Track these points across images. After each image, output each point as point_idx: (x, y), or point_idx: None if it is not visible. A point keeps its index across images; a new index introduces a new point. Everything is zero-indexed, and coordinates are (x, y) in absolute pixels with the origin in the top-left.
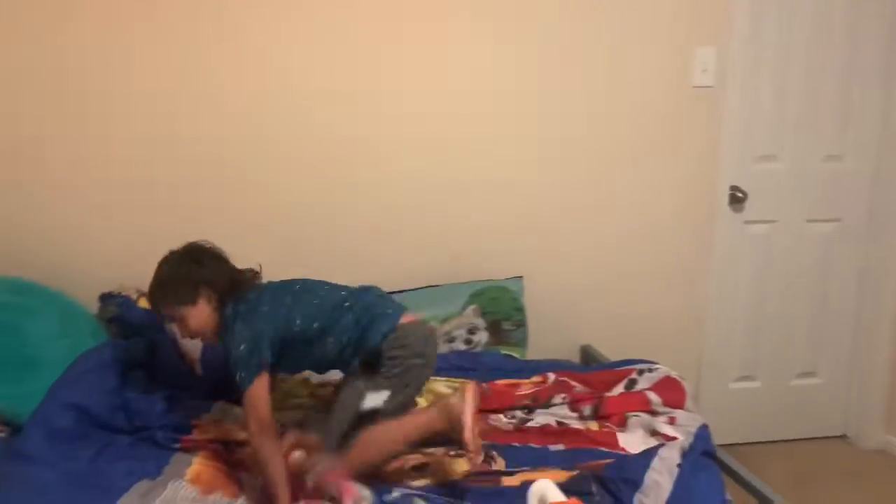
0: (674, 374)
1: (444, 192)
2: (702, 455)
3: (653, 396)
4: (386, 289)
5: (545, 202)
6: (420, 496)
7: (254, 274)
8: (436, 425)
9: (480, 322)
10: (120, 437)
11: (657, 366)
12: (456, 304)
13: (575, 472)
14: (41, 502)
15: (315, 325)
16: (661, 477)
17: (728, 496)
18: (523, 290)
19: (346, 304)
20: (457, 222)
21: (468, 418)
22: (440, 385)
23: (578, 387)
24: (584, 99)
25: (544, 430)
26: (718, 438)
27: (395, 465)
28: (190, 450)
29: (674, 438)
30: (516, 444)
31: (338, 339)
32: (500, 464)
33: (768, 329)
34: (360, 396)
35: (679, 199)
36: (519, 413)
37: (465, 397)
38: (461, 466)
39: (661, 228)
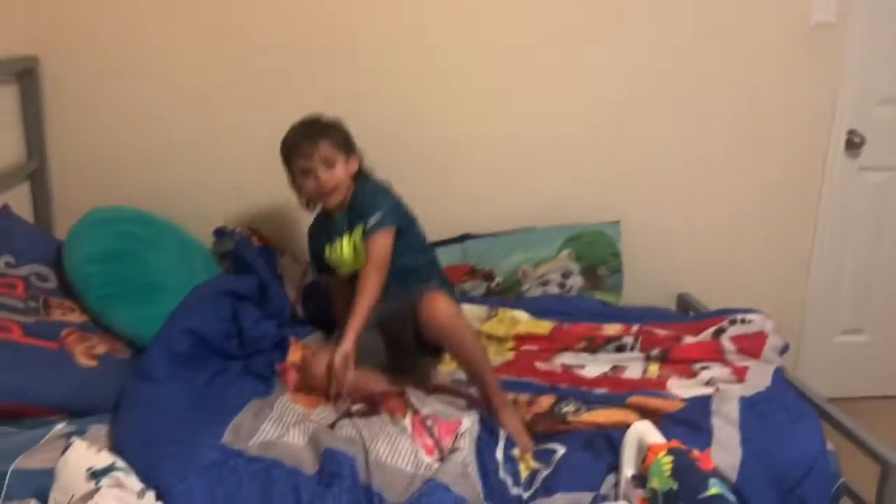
0: (769, 326)
1: (542, 135)
2: (802, 403)
3: (727, 344)
4: (481, 230)
5: (646, 146)
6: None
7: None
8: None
9: (575, 266)
10: (232, 361)
11: (753, 316)
12: (551, 247)
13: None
14: (164, 419)
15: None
16: (723, 427)
17: (831, 447)
18: (620, 236)
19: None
20: (554, 165)
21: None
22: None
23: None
24: (694, 36)
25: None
26: (824, 394)
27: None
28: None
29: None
30: (563, 385)
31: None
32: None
33: (879, 280)
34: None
35: (791, 142)
36: (579, 354)
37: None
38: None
39: (769, 173)
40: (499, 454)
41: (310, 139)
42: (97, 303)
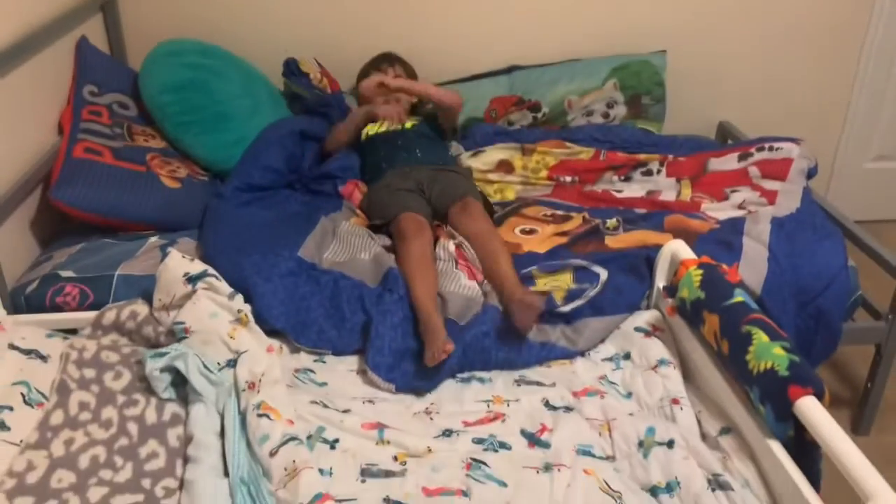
0: (795, 152)
1: None
2: (829, 223)
3: (753, 170)
4: (527, 62)
5: None
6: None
7: None
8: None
9: (619, 96)
10: (302, 190)
11: (783, 144)
12: (596, 78)
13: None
14: (247, 234)
15: None
16: (752, 245)
17: (852, 263)
18: (666, 65)
19: None
20: None
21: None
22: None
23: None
24: None
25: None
26: (852, 216)
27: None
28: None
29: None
30: (603, 206)
31: None
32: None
33: None
34: None
35: None
36: (613, 180)
37: None
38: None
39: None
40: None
41: (390, 58)
42: (174, 130)
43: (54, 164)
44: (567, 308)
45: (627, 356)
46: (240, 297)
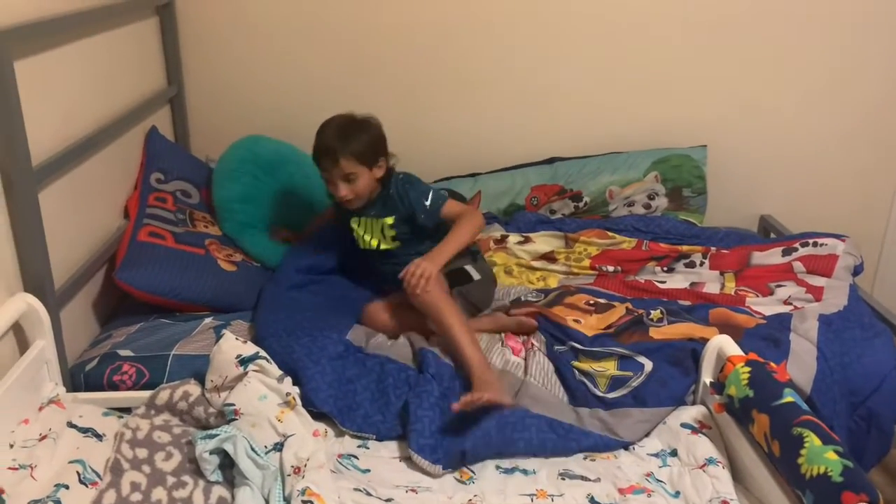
0: (841, 249)
1: (630, 61)
2: (877, 321)
3: (798, 265)
4: (569, 154)
5: (732, 72)
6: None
7: None
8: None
9: (660, 188)
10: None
11: (827, 240)
12: (638, 169)
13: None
14: (298, 318)
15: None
16: (800, 342)
17: None
18: (706, 159)
19: None
20: (642, 91)
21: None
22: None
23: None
24: None
25: (674, 288)
26: None
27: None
28: None
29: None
30: (646, 297)
31: None
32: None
33: None
34: (464, 260)
35: (887, 75)
36: (656, 271)
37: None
38: (605, 320)
39: (862, 104)
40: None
41: (331, 156)
42: (234, 229)
43: (119, 246)
44: (610, 396)
45: (674, 453)
46: (288, 380)
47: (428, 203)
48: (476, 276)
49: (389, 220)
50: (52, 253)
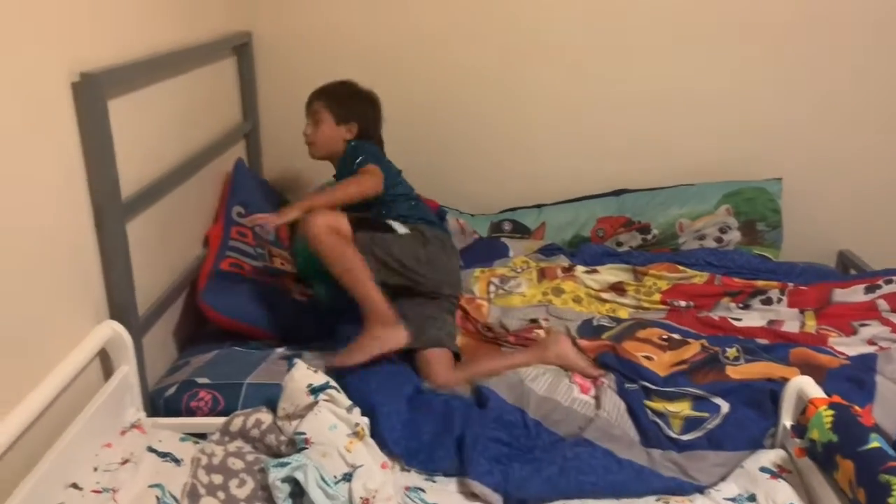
0: None
1: (700, 92)
2: None
3: (882, 303)
4: (640, 186)
5: (808, 103)
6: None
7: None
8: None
9: (732, 221)
10: None
11: None
12: (709, 202)
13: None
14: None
15: (386, 196)
16: (886, 385)
17: None
18: (781, 192)
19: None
20: (711, 122)
21: (576, 360)
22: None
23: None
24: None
25: (751, 326)
26: None
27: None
28: None
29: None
30: (722, 334)
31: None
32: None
33: None
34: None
35: None
36: (730, 306)
37: (559, 346)
38: (679, 356)
39: None
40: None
41: (311, 97)
42: (306, 273)
43: (201, 272)
44: (684, 438)
45: (752, 498)
46: (357, 410)
47: (357, 162)
48: (401, 230)
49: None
50: (136, 281)
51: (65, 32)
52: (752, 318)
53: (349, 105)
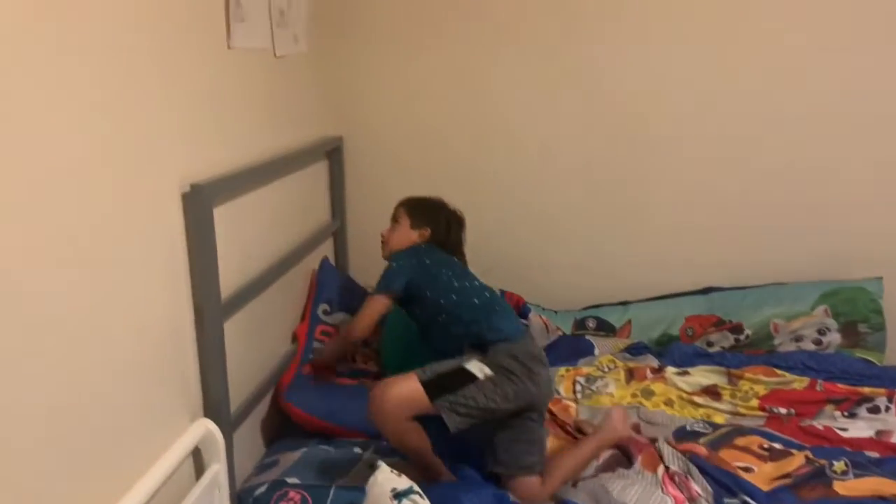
0: None
1: (793, 187)
2: None
3: None
4: (726, 283)
5: None
6: None
7: (461, 258)
8: (602, 451)
9: (832, 323)
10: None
11: None
12: (804, 302)
13: None
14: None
15: (441, 301)
16: None
17: None
18: (883, 292)
19: (477, 303)
20: (804, 218)
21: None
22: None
23: None
24: None
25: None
26: None
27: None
28: None
29: None
30: (827, 445)
31: (452, 328)
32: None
33: None
34: (468, 360)
35: None
36: (835, 414)
37: (615, 426)
38: (782, 468)
39: None
40: None
41: (398, 203)
42: (390, 369)
43: (287, 372)
44: None
45: None
46: None
47: (378, 282)
48: (481, 373)
49: None
50: (229, 378)
51: (178, 149)
52: (859, 428)
53: (428, 214)
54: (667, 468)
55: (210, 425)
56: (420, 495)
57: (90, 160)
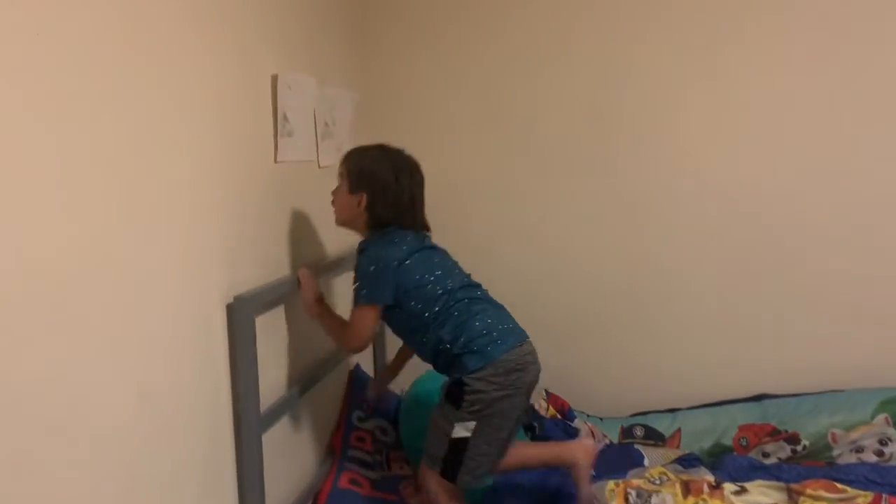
0: None
1: (847, 286)
2: None
3: None
4: (778, 390)
5: None
6: None
7: (425, 228)
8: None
9: (893, 432)
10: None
11: None
12: (863, 411)
13: None
14: None
15: (421, 310)
16: None
17: None
18: None
19: (456, 312)
20: (861, 320)
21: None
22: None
23: None
24: None
25: None
26: None
27: None
28: None
29: None
30: None
31: (430, 342)
32: None
33: None
34: (450, 426)
35: None
36: None
37: (577, 450)
38: None
39: None
40: None
41: (343, 158)
42: (410, 443)
43: (323, 487)
44: None
45: None
46: None
47: (355, 287)
48: (468, 431)
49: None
50: (266, 491)
51: (223, 262)
52: None
53: (360, 172)
54: None
55: None
56: None
57: (144, 283)
